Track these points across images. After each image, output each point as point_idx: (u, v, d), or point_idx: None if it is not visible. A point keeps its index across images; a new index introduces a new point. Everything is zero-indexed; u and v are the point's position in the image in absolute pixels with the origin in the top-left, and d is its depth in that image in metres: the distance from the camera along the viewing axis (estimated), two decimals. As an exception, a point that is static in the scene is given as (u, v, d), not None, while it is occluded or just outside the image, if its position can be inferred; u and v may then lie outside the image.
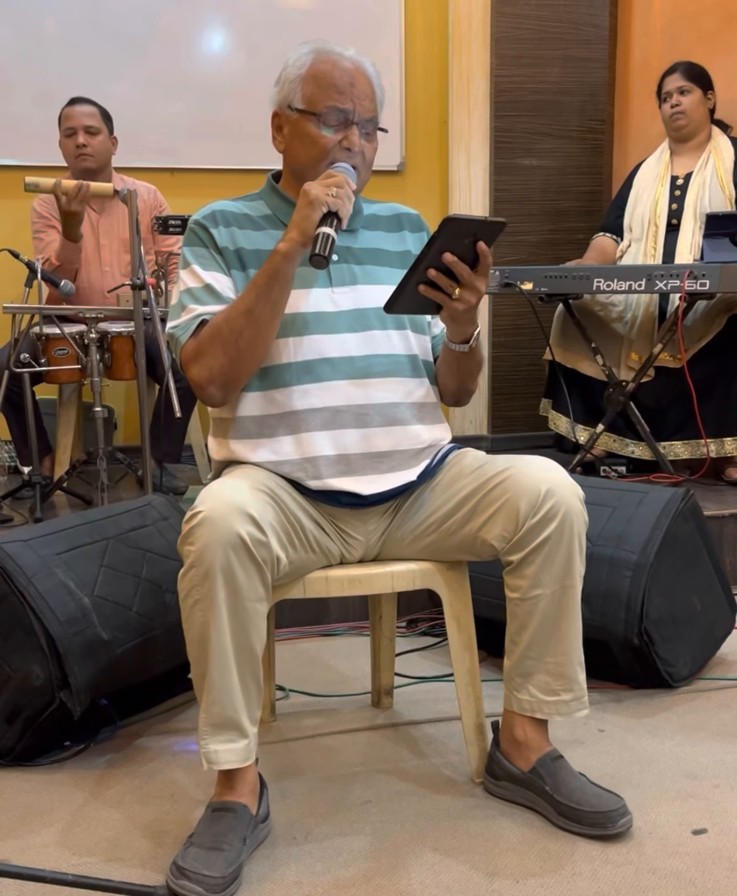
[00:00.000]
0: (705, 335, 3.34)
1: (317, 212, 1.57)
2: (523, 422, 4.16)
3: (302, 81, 1.70)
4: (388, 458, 1.73)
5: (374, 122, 1.73)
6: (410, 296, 1.57)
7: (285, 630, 2.60)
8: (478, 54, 4.07)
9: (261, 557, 1.52)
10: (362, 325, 1.72)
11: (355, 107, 1.69)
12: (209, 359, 1.64)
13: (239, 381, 1.67)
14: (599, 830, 1.61)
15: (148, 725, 2.10)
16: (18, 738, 1.89)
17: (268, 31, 3.91)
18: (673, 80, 3.46)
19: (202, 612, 1.52)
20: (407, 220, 1.87)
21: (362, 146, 1.71)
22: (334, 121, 1.68)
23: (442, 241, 1.50)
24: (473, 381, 1.85)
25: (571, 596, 1.68)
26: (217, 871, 1.46)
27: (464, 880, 1.51)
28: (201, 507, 1.52)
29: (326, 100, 1.68)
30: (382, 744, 2.00)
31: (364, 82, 1.71)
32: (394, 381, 1.74)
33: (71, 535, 2.04)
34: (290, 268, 1.61)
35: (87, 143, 3.34)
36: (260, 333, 1.63)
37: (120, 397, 3.98)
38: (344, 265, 1.76)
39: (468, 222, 1.52)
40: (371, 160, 1.75)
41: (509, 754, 1.75)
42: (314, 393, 1.69)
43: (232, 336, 1.62)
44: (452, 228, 1.49)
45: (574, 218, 4.19)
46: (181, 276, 1.74)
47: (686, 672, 2.25)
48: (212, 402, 1.70)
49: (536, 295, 3.25)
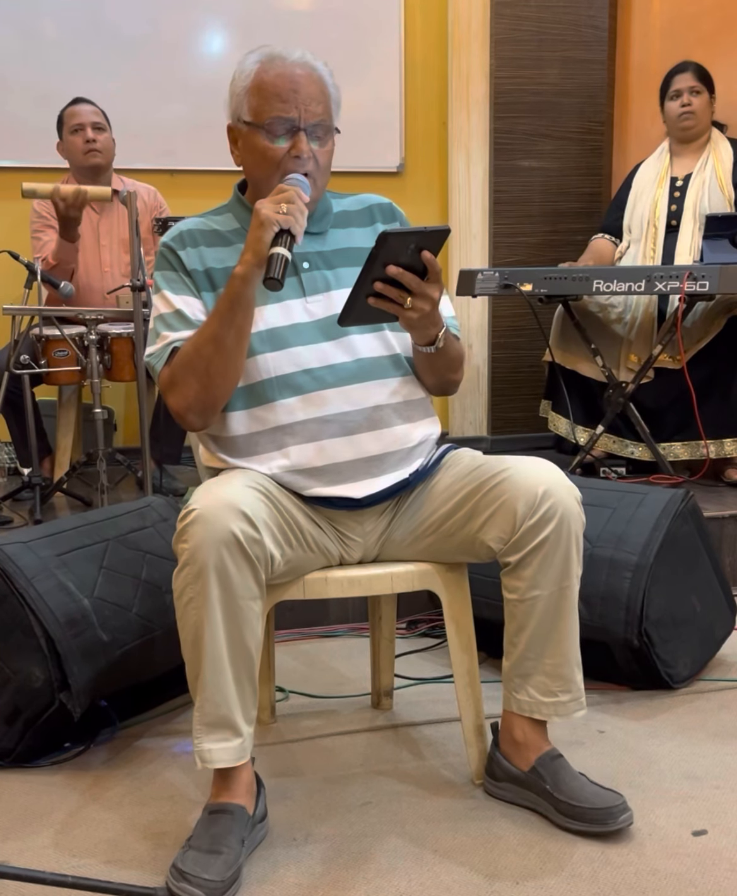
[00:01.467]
0: (704, 336, 3.34)
1: (268, 232, 1.55)
2: (523, 423, 4.16)
3: (247, 94, 1.68)
4: (379, 461, 1.72)
5: (324, 125, 1.69)
6: (362, 308, 1.56)
7: (285, 631, 2.60)
8: (477, 56, 4.07)
9: (254, 554, 1.52)
10: (339, 332, 1.71)
11: (300, 113, 1.66)
12: (183, 387, 1.64)
13: (216, 405, 1.66)
14: (599, 827, 1.61)
15: (147, 727, 2.10)
16: (18, 740, 1.89)
17: (268, 33, 3.89)
18: (684, 80, 3.44)
19: (196, 610, 1.52)
20: (379, 211, 1.84)
21: (314, 151, 1.68)
22: (281, 130, 1.66)
23: (383, 255, 1.49)
24: (455, 374, 1.81)
25: (568, 597, 1.68)
26: (216, 874, 1.46)
27: (464, 881, 1.51)
28: (195, 504, 1.53)
29: (270, 110, 1.66)
30: (382, 745, 2.00)
31: (309, 85, 1.67)
32: (376, 383, 1.72)
33: (71, 536, 2.04)
34: (249, 290, 1.59)
35: (96, 138, 3.36)
36: (229, 358, 1.62)
37: (120, 399, 3.98)
38: (315, 272, 1.75)
39: (407, 234, 1.51)
40: (326, 164, 1.72)
41: (509, 755, 1.75)
42: (298, 406, 1.68)
43: (202, 363, 1.61)
44: (391, 242, 1.48)
45: (574, 219, 4.19)
46: (154, 301, 1.74)
47: (686, 673, 2.25)
48: (192, 428, 1.70)
49: (535, 296, 3.25)
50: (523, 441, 4.13)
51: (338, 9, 3.98)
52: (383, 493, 1.73)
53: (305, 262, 1.74)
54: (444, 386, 1.83)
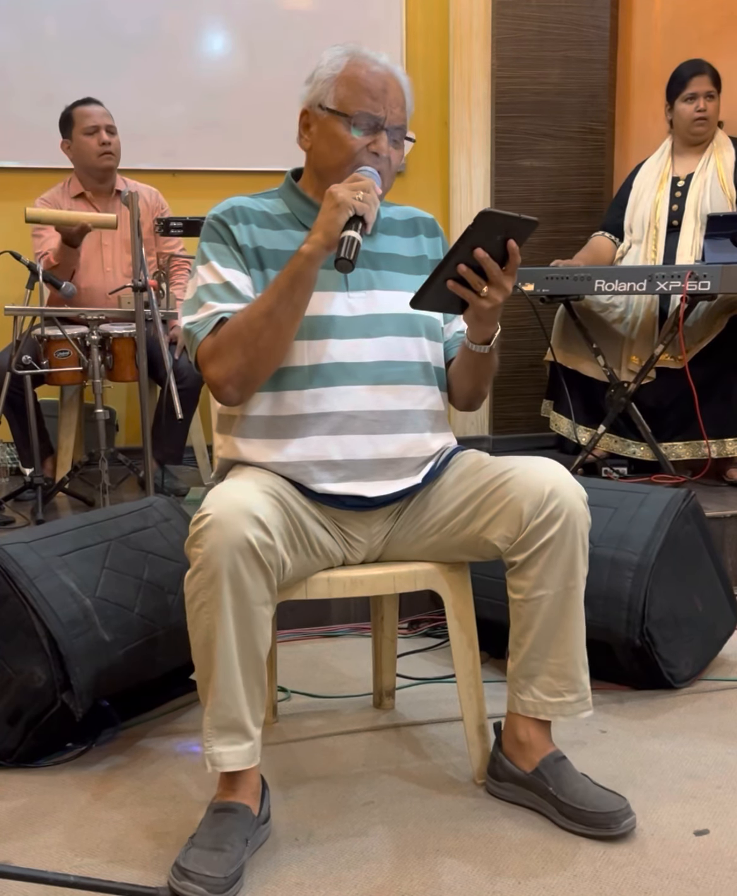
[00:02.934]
0: (706, 336, 3.34)
1: (343, 215, 1.56)
2: (525, 423, 4.16)
3: (335, 82, 1.69)
4: (396, 465, 1.73)
5: (403, 129, 1.72)
6: (438, 291, 1.57)
7: (287, 631, 2.60)
8: (479, 55, 4.07)
9: (268, 561, 1.52)
10: (377, 331, 1.72)
11: (387, 114, 1.68)
12: (228, 358, 1.63)
13: (257, 381, 1.66)
14: (602, 831, 1.61)
15: (150, 727, 2.10)
16: (20, 740, 1.89)
17: (269, 33, 3.91)
18: (702, 83, 3.40)
19: (208, 615, 1.52)
20: (423, 225, 1.87)
21: (390, 152, 1.71)
22: (365, 125, 1.68)
23: (475, 235, 1.50)
24: (487, 385, 1.84)
25: (574, 597, 1.68)
26: (219, 871, 1.46)
27: (466, 881, 1.51)
28: (209, 509, 1.52)
29: (359, 104, 1.67)
30: (384, 745, 2.00)
31: (397, 90, 1.70)
32: (406, 388, 1.73)
33: (73, 536, 2.04)
34: (312, 270, 1.60)
35: (110, 140, 3.36)
36: (280, 335, 1.62)
37: (121, 399, 3.98)
38: (361, 269, 1.74)
39: (502, 217, 1.51)
40: (396, 167, 1.75)
41: (512, 755, 1.75)
42: (325, 397, 1.68)
43: (252, 336, 1.61)
44: (486, 223, 1.49)
45: (575, 219, 4.19)
46: (199, 271, 1.72)
47: (688, 673, 2.25)
48: (228, 402, 1.69)
49: (537, 296, 3.25)
50: (525, 441, 4.13)
51: (339, 9, 3.98)
52: (394, 497, 1.73)
53: None
54: (472, 397, 1.85)
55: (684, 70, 3.45)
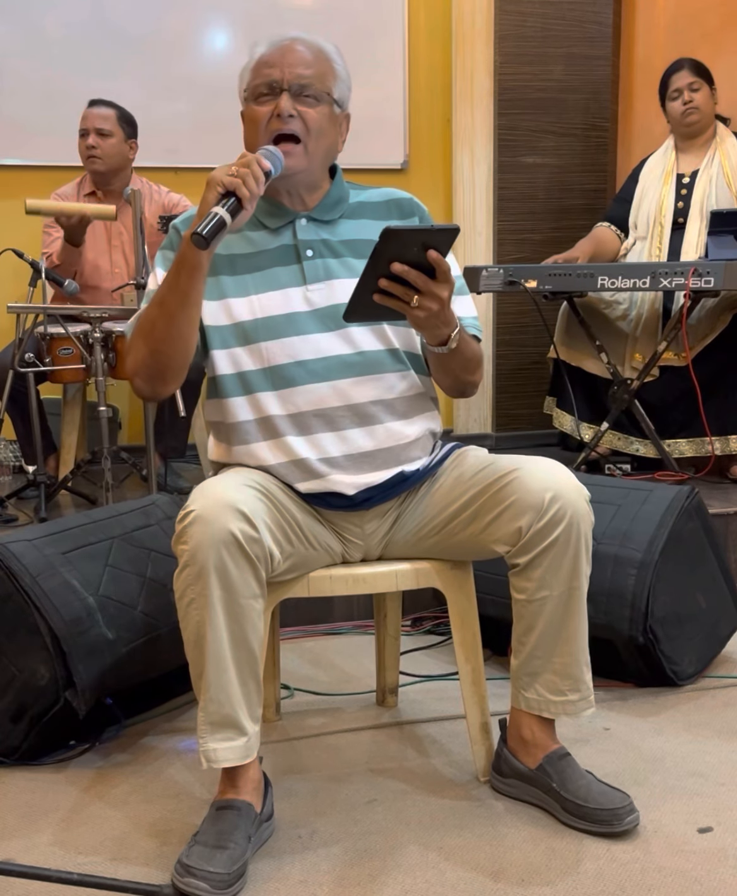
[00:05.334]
0: (709, 333, 3.33)
1: (212, 192, 1.52)
2: (528, 420, 4.15)
3: (246, 73, 1.71)
4: (372, 457, 1.71)
5: (313, 88, 1.67)
6: (368, 305, 1.53)
7: (290, 629, 2.60)
8: (481, 52, 4.06)
9: (254, 553, 1.52)
10: (337, 323, 1.68)
11: (284, 74, 1.65)
12: (134, 351, 1.65)
13: (164, 374, 1.64)
14: (605, 828, 1.61)
15: (153, 724, 2.11)
16: (24, 738, 1.89)
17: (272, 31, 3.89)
18: (682, 77, 3.42)
19: (197, 610, 1.52)
20: (396, 206, 1.80)
21: (300, 112, 1.66)
22: (264, 93, 1.67)
23: (386, 252, 1.46)
24: (471, 375, 1.75)
25: (577, 597, 1.67)
26: (222, 867, 1.46)
27: (469, 879, 1.51)
28: (193, 505, 1.52)
29: (257, 77, 1.68)
30: (387, 742, 2.00)
31: (300, 52, 1.67)
32: (370, 378, 1.70)
33: (76, 534, 2.04)
34: (192, 254, 1.54)
35: (96, 144, 3.34)
36: (172, 323, 1.59)
37: (124, 397, 3.98)
38: (318, 260, 1.72)
39: (411, 232, 1.48)
40: (319, 128, 1.67)
41: (517, 752, 1.75)
42: (290, 398, 1.68)
43: (149, 327, 1.61)
44: (394, 239, 1.45)
45: (578, 216, 4.18)
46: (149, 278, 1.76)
47: (691, 670, 2.25)
48: (141, 395, 1.70)
49: (540, 293, 3.24)
50: (528, 438, 4.12)
51: (342, 6, 3.97)
52: (377, 490, 1.71)
53: (309, 249, 1.72)
54: (460, 387, 1.77)
55: (665, 72, 3.49)
